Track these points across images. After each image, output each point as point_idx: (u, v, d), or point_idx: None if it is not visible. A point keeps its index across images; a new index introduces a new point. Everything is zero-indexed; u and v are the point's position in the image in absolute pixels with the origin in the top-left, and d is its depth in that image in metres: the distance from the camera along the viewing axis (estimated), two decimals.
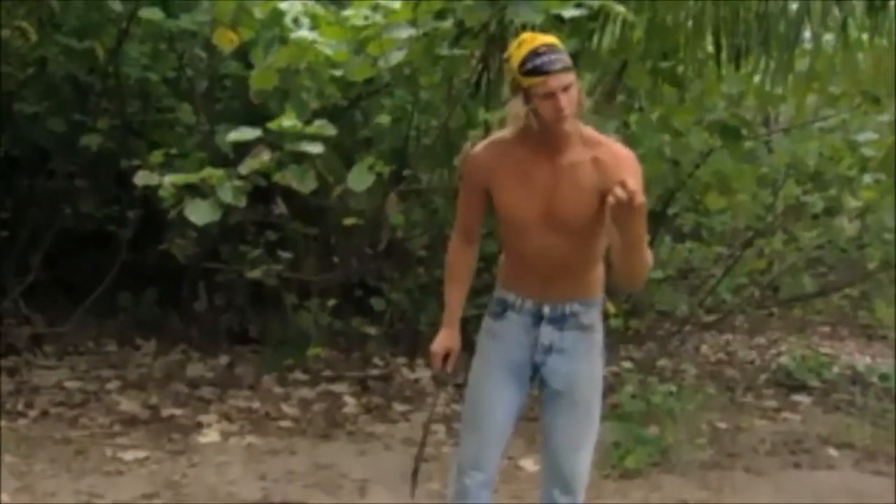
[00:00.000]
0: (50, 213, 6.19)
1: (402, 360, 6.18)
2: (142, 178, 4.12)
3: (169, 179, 3.67)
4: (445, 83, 4.92)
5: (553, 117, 2.24)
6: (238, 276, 5.82)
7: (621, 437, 4.40)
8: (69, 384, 4.94)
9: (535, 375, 2.51)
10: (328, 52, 4.25)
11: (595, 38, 4.48)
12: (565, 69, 2.22)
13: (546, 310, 2.45)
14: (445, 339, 2.55)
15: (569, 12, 3.68)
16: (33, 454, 3.88)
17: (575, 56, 4.26)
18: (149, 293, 6.27)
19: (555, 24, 3.78)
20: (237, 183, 3.70)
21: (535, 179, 2.34)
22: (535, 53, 2.21)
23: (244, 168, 3.66)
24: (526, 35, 2.36)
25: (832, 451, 4.69)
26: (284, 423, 4.58)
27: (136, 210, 5.74)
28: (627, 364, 6.49)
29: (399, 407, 5.08)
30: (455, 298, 2.57)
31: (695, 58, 5.08)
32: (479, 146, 2.50)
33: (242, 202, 3.71)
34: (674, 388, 5.43)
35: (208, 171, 3.73)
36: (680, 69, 5.02)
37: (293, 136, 3.70)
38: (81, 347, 5.87)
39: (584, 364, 2.48)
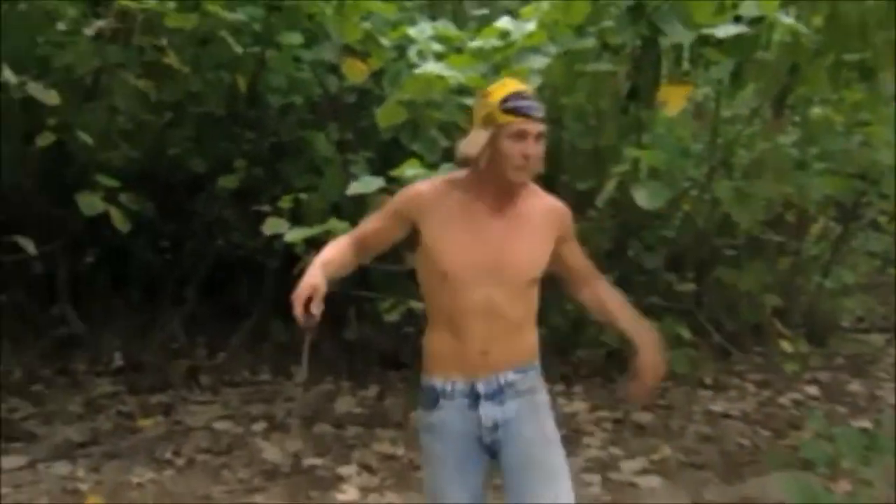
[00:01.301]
0: (205, 243, 6.28)
1: (559, 387, 5.83)
2: (270, 227, 3.99)
3: (291, 237, 3.48)
4: (591, 101, 4.49)
5: (518, 163, 2.18)
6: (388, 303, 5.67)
7: (796, 496, 3.83)
8: (218, 425, 4.92)
9: (490, 455, 2.37)
10: (461, 78, 3.94)
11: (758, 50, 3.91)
12: (542, 120, 2.21)
13: (480, 387, 2.30)
14: (309, 279, 2.21)
15: (723, 31, 3.18)
16: None
17: (736, 72, 3.78)
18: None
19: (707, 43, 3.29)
20: None
21: (483, 228, 2.26)
22: (518, 95, 2.20)
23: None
24: (506, 79, 2.36)
25: None
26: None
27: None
28: (812, 389, 5.84)
29: None
30: (328, 256, 2.33)
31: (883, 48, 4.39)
32: (426, 181, 2.40)
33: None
34: (869, 425, 4.80)
35: (332, 224, 3.51)
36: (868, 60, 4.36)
37: None
38: (237, 377, 5.90)
39: (533, 427, 2.34)
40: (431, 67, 3.71)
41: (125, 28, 4.18)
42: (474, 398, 2.30)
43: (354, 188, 3.46)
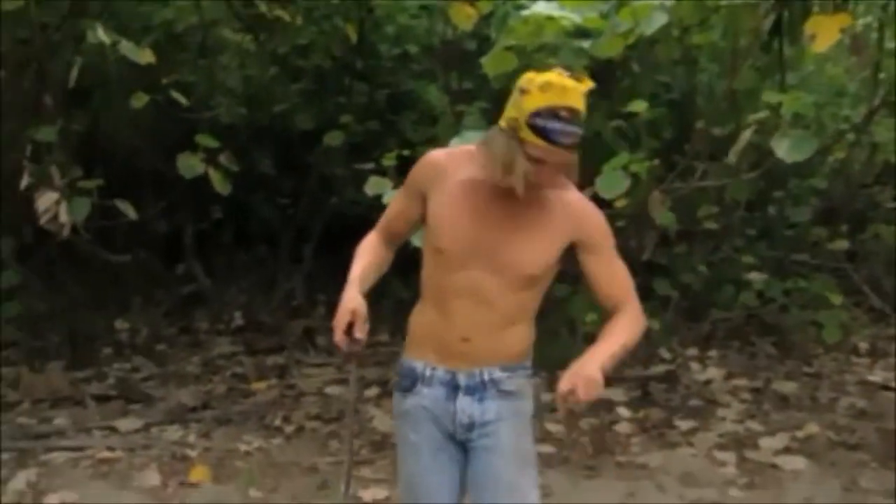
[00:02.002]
0: (321, 200, 6.15)
1: (692, 351, 5.40)
2: (372, 186, 3.75)
3: (389, 198, 3.21)
4: (728, 39, 3.99)
5: (531, 180, 1.92)
6: None
7: None
8: (330, 390, 4.80)
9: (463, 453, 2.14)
10: (576, 19, 3.54)
11: None
12: (572, 147, 1.89)
13: (461, 378, 2.07)
14: (347, 303, 2.05)
15: None
16: (277, 485, 3.73)
17: None
18: (419, 280, 6.01)
19: None
20: None
21: (490, 210, 2.01)
22: (553, 114, 1.85)
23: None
24: (555, 77, 1.89)
25: None
26: (545, 449, 4.05)
27: None
28: None
29: (681, 423, 4.35)
30: (361, 266, 2.17)
31: None
32: (445, 150, 2.19)
33: None
34: None
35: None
36: None
37: None
38: None
39: (510, 440, 2.08)
40: (541, 8, 3.32)
41: None
42: (453, 388, 2.08)
43: (454, 145, 3.15)
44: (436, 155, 2.11)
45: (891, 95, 3.82)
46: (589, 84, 1.93)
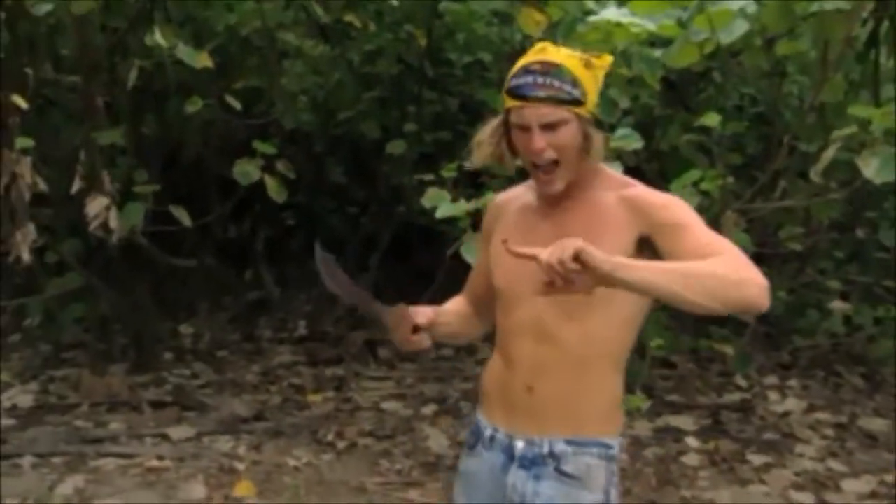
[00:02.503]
0: (389, 209, 6.05)
1: (770, 380, 5.09)
2: (430, 199, 3.60)
3: (443, 211, 3.07)
4: (818, 48, 3.72)
5: (527, 159, 1.72)
6: None
7: None
8: (387, 405, 4.67)
9: None
10: (650, 27, 3.33)
11: None
12: (553, 101, 1.65)
13: (519, 445, 1.78)
14: (417, 308, 1.89)
15: None
16: None
17: None
18: None
19: None
20: None
21: (539, 229, 1.77)
22: (525, 69, 1.69)
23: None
24: (545, 44, 1.76)
25: None
26: None
27: None
28: None
29: (755, 458, 4.07)
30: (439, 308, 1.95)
31: None
32: (508, 190, 1.96)
33: None
34: None
35: (488, 197, 3.06)
36: None
37: None
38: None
39: None
40: (610, 14, 3.13)
41: None
42: (510, 457, 1.78)
43: (475, 161, 2.97)
44: (497, 198, 1.95)
45: None
46: (606, 59, 1.75)
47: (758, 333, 5.04)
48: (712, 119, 3.31)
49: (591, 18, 3.16)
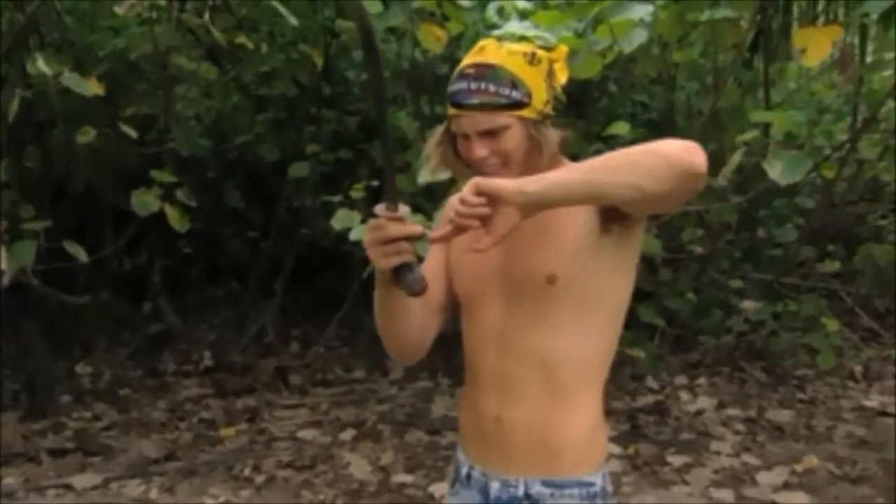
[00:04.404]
0: (291, 232, 5.92)
1: (680, 380, 5.20)
2: (340, 221, 3.51)
3: (357, 234, 2.99)
4: (709, 56, 3.82)
5: (471, 166, 1.60)
6: None
7: None
8: (304, 434, 4.54)
9: None
10: (551, 39, 3.34)
11: None
12: (490, 107, 1.54)
13: (494, 486, 1.63)
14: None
15: None
16: None
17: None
18: None
19: None
20: None
21: None
22: (460, 74, 1.58)
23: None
24: (486, 42, 1.65)
25: None
26: None
27: None
28: None
29: (674, 459, 4.13)
30: None
31: None
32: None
33: None
34: None
35: (410, 217, 2.99)
36: None
37: None
38: (329, 376, 5.54)
39: None
40: (513, 27, 3.13)
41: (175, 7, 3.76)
42: (485, 498, 1.63)
43: (424, 177, 2.93)
44: (453, 199, 1.74)
45: (876, 110, 3.64)
46: (559, 51, 1.65)
47: (667, 336, 5.14)
48: (621, 128, 3.34)
49: (496, 32, 3.15)
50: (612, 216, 1.55)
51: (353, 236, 3.02)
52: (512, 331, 1.61)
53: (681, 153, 1.40)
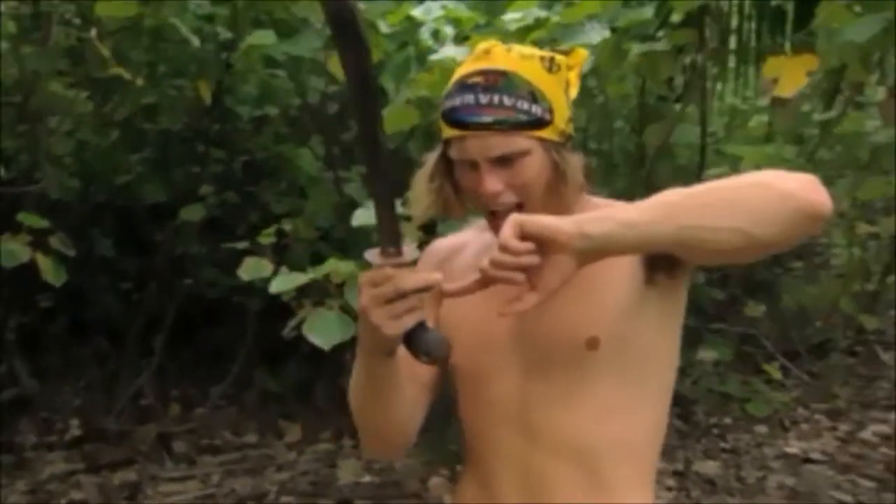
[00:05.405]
0: (172, 283, 5.37)
1: None
2: (248, 270, 3.07)
3: (277, 286, 2.57)
4: (637, 89, 3.65)
5: (476, 204, 1.31)
6: None
7: None
8: None
9: None
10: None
11: None
12: (506, 126, 1.24)
13: None
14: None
15: None
16: None
17: None
18: (290, 369, 5.31)
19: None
20: None
21: (504, 287, 1.21)
22: (462, 84, 1.28)
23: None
24: (490, 43, 1.33)
25: None
26: None
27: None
28: None
29: None
30: None
31: None
32: (449, 237, 1.50)
33: None
34: None
35: (332, 265, 2.61)
36: None
37: None
38: (217, 441, 4.99)
39: None
40: (451, 52, 2.82)
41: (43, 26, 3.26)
42: None
43: (358, 219, 2.56)
44: (436, 246, 1.47)
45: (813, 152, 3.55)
46: (579, 55, 1.36)
47: None
48: None
49: (433, 57, 2.83)
50: (658, 263, 1.26)
51: (273, 289, 2.59)
52: (537, 411, 1.30)
53: (799, 190, 1.12)
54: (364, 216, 2.57)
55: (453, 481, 4.70)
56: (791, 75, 2.45)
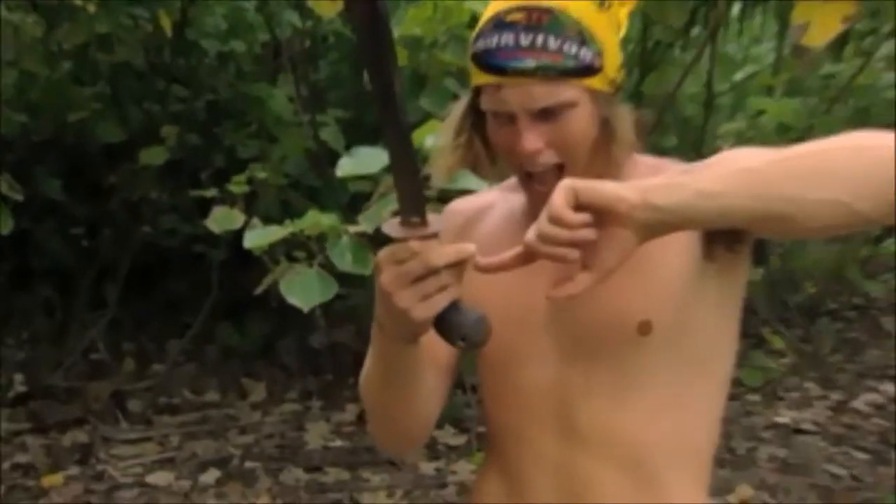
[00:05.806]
0: (128, 230, 5.01)
1: None
2: (218, 221, 2.76)
3: (252, 241, 2.27)
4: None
5: (510, 162, 1.11)
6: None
7: None
8: (154, 479, 3.72)
9: None
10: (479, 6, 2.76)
11: None
12: (552, 72, 1.03)
13: None
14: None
15: None
16: None
17: None
18: (254, 324, 5.02)
19: None
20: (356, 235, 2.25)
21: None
22: (498, 21, 1.05)
23: (366, 221, 2.23)
24: None
25: None
26: None
27: None
28: (890, 388, 4.82)
29: None
30: None
31: None
32: (469, 197, 1.28)
33: (368, 269, 2.27)
34: None
35: (314, 219, 2.30)
36: None
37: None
38: (175, 399, 4.69)
39: None
40: None
41: None
42: None
43: (344, 170, 2.25)
44: (455, 206, 1.25)
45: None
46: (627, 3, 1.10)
47: None
48: None
49: None
50: (718, 234, 1.05)
51: (248, 244, 2.28)
52: (578, 405, 1.11)
53: None
54: (349, 166, 2.26)
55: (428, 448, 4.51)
56: (824, 21, 2.18)
